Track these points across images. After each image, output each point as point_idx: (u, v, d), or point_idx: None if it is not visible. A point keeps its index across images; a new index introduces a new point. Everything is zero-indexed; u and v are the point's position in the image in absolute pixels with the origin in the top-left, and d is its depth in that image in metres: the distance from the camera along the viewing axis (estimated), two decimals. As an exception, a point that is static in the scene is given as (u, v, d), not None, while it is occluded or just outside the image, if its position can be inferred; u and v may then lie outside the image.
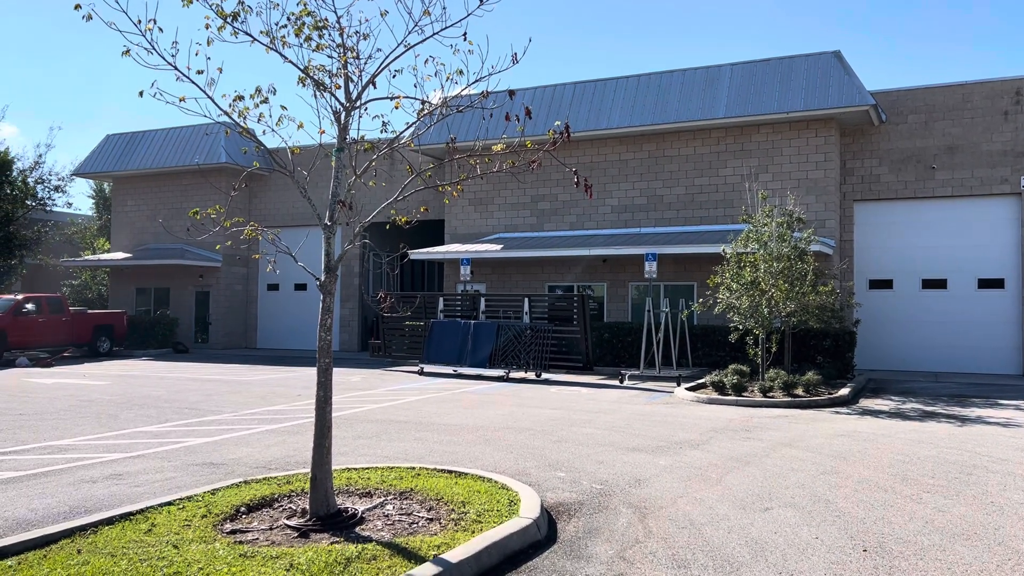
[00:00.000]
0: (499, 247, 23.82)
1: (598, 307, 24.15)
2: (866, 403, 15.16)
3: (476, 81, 6.71)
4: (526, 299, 20.26)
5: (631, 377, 19.00)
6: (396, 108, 6.68)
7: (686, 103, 22.83)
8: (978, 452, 9.99)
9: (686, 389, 16.23)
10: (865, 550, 6.04)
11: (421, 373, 20.29)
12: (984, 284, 21.56)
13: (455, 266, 25.30)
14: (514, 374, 19.63)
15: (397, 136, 6.92)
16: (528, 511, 6.63)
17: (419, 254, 25.00)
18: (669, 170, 23.47)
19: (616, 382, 18.47)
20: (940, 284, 22.01)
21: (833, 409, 14.36)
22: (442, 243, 26.63)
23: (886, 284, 22.59)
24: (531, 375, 19.54)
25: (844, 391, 15.82)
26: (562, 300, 20.81)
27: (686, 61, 71.92)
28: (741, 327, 16.74)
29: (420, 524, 6.48)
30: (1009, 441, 10.83)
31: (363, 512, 6.71)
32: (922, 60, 71.58)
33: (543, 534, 6.44)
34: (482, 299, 21.21)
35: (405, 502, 7.11)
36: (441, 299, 21.75)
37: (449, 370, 20.53)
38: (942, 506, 7.31)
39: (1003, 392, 16.91)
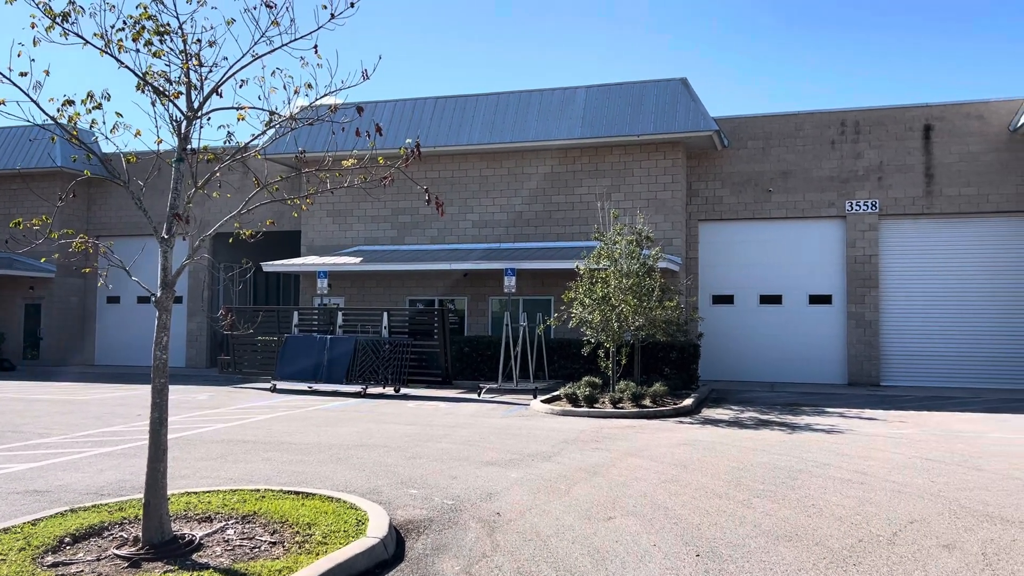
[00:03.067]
0: (358, 260, 23.50)
1: (459, 321, 24.26)
2: (708, 412, 15.98)
3: (326, 95, 6.63)
4: (385, 313, 20.07)
5: (489, 391, 19.18)
6: (240, 120, 6.49)
7: (544, 123, 23.41)
8: (804, 458, 10.75)
9: (542, 402, 16.56)
10: (698, 555, 6.37)
11: (274, 390, 19.67)
12: (814, 300, 23.26)
13: (312, 279, 24.74)
14: (372, 390, 19.38)
15: (242, 148, 6.72)
16: (376, 530, 6.57)
17: (273, 266, 24.29)
18: (528, 187, 23.95)
19: (475, 396, 18.59)
20: (776, 300, 23.56)
21: (678, 419, 15.05)
22: (300, 255, 25.99)
23: (728, 299, 23.95)
24: (389, 390, 19.35)
25: (688, 401, 16.62)
26: (422, 314, 20.76)
27: (543, 81, 73.76)
28: (593, 340, 17.29)
29: (262, 548, 6.28)
30: (831, 447, 11.71)
31: (201, 538, 6.43)
32: (765, 88, 76.72)
33: (391, 553, 6.40)
34: (339, 313, 20.83)
35: (248, 526, 6.87)
36: (296, 313, 21.19)
37: (304, 387, 20.01)
38: (769, 510, 7.81)
39: (830, 401, 18.27)
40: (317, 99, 6.62)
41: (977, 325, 21.86)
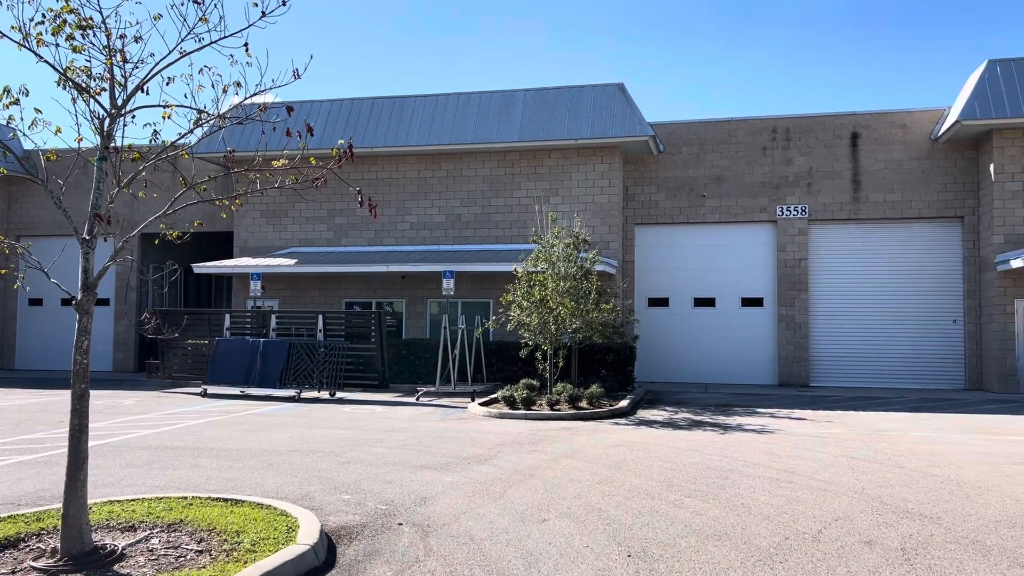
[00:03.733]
0: (293, 262, 23.14)
1: (396, 324, 24.09)
2: (643, 414, 16.19)
3: (256, 94, 6.50)
4: (320, 316, 19.79)
5: (427, 394, 19.08)
6: (166, 118, 6.32)
7: (483, 125, 23.42)
8: (735, 458, 10.97)
9: (479, 404, 16.55)
10: (630, 555, 6.44)
11: (204, 395, 19.21)
12: (747, 303, 23.78)
13: (245, 281, 24.26)
14: (307, 394, 19.09)
15: (168, 147, 6.55)
16: (306, 537, 6.46)
17: (205, 268, 23.75)
18: (467, 189, 23.92)
19: (412, 399, 18.47)
20: (710, 302, 24.02)
21: (613, 420, 15.21)
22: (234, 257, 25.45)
23: (663, 302, 24.32)
24: (325, 394, 19.09)
25: (624, 403, 16.81)
26: (359, 317, 20.54)
27: (482, 84, 73.86)
28: (531, 343, 17.37)
29: (188, 557, 6.12)
30: (761, 447, 11.98)
31: (124, 548, 6.23)
32: (700, 94, 78.21)
33: (321, 560, 6.30)
34: (273, 316, 20.46)
35: (173, 534, 6.68)
36: (228, 316, 20.74)
37: (236, 391, 19.59)
38: (700, 510, 7.94)
39: (761, 401, 18.70)
40: (247, 98, 6.49)
41: (901, 327, 22.66)
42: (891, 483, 9.29)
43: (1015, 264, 19.50)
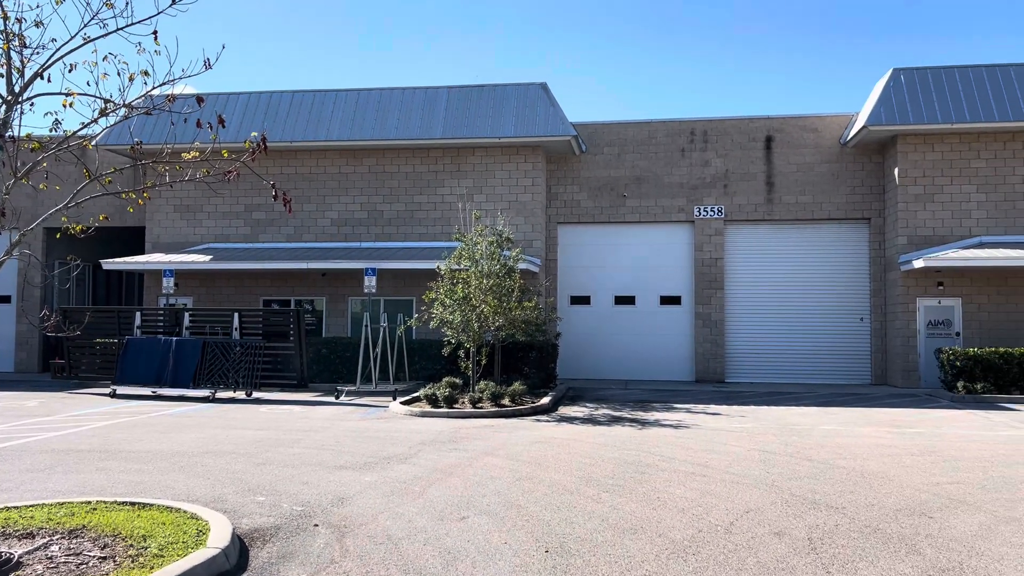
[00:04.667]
0: (208, 258, 22.49)
1: (316, 322, 23.69)
2: (565, 410, 16.34)
3: (165, 83, 6.28)
4: (236, 314, 19.28)
5: (348, 393, 18.82)
6: (68, 106, 6.05)
7: (406, 121, 23.23)
8: (652, 452, 11.17)
9: (401, 403, 16.41)
10: (547, 551, 6.48)
11: (113, 395, 18.49)
12: (665, 301, 24.26)
13: (157, 278, 23.42)
14: (222, 394, 18.58)
15: (69, 136, 6.26)
16: (217, 540, 6.28)
17: (115, 264, 22.90)
18: (390, 186, 23.69)
19: (332, 399, 18.19)
20: (630, 300, 24.41)
21: (535, 417, 15.30)
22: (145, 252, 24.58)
23: (585, 300, 24.60)
24: (241, 395, 18.62)
25: (546, 400, 16.93)
26: (277, 315, 20.11)
27: (404, 80, 73.33)
28: (454, 341, 17.32)
29: (91, 565, 5.87)
30: (677, 441, 12.24)
31: (21, 556, 5.94)
32: (620, 95, 79.37)
33: (233, 563, 6.13)
34: (186, 314, 19.84)
35: (75, 541, 6.40)
36: (139, 314, 20.01)
37: (147, 391, 18.91)
38: (617, 504, 8.06)
39: (678, 397, 19.10)
40: (155, 87, 6.27)
41: (812, 324, 23.47)
42: (800, 475, 9.61)
43: (917, 264, 20.43)
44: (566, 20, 77.29)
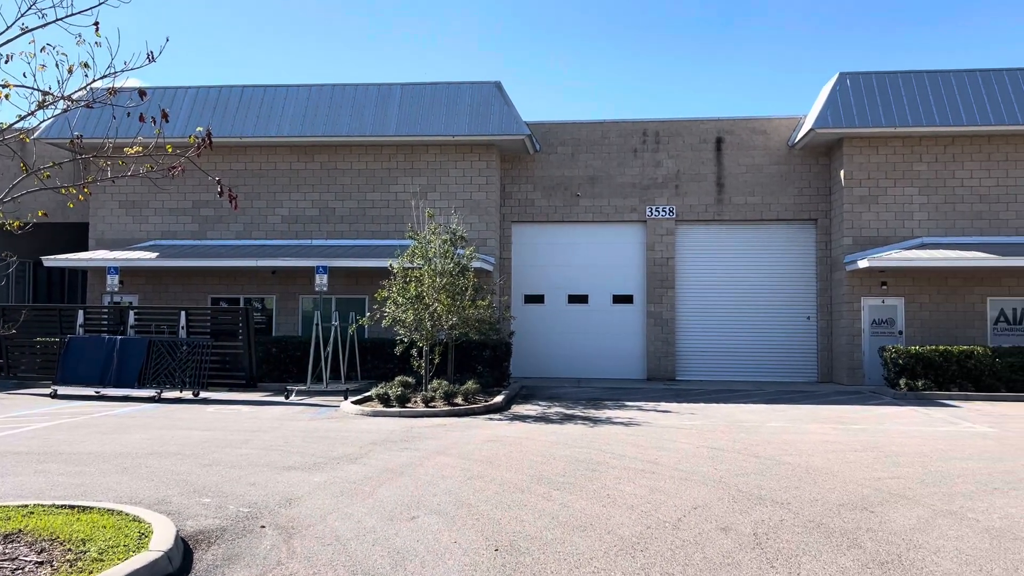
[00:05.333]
0: (154, 255, 22.02)
1: (266, 320, 23.36)
2: (518, 409, 16.37)
3: (106, 75, 6.11)
4: (183, 312, 18.91)
5: (298, 393, 18.60)
6: (4, 98, 5.86)
7: (358, 118, 23.03)
8: (603, 450, 11.26)
9: (352, 403, 16.26)
10: (497, 549, 6.48)
11: (55, 396, 17.98)
12: (618, 300, 24.46)
13: (101, 275, 22.85)
14: (168, 394, 18.21)
15: (5, 129, 6.07)
16: (160, 543, 6.15)
17: (56, 261, 22.30)
18: (342, 183, 23.46)
19: (282, 399, 17.96)
20: (583, 299, 24.56)
21: (488, 416, 15.30)
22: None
23: (539, 299, 24.68)
24: (188, 394, 18.27)
25: (499, 398, 16.94)
26: (226, 314, 19.78)
27: (355, 77, 72.68)
28: (407, 340, 17.22)
29: (27, 570, 5.70)
30: (628, 439, 12.35)
31: (-48, 563, 5.74)
32: (575, 95, 79.71)
33: (176, 566, 6.01)
34: (131, 312, 19.40)
35: (10, 545, 6.21)
36: (81, 312, 19.50)
37: (90, 392, 18.43)
38: (567, 502, 8.10)
39: (630, 395, 19.27)
40: (96, 79, 6.10)
41: (760, 323, 23.88)
42: (747, 471, 9.76)
43: (862, 264, 20.92)
44: (520, 20, 77.45)
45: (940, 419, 15.29)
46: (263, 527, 7.11)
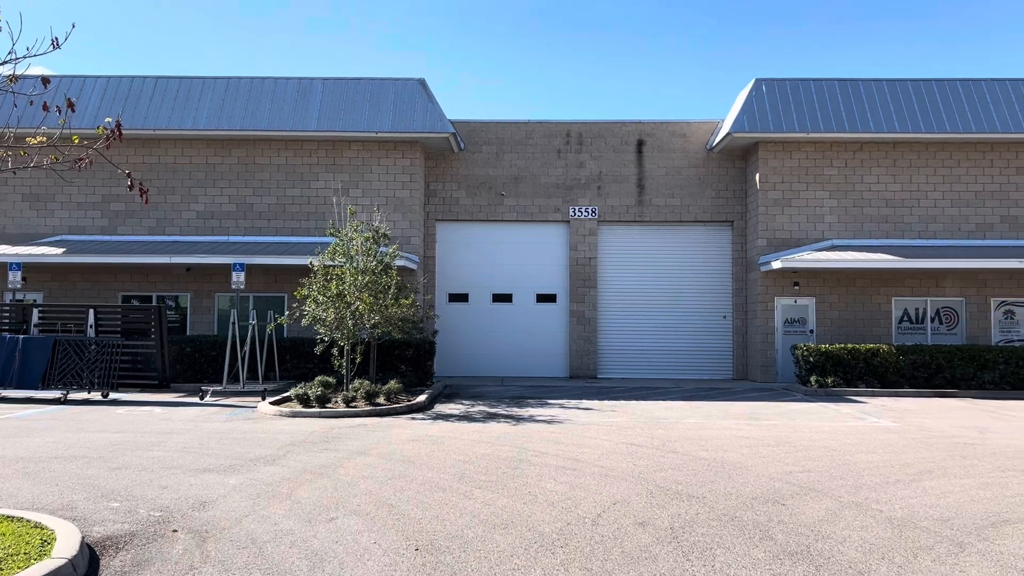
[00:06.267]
0: (61, 251, 21.07)
1: (181, 319, 22.66)
2: (441, 408, 16.31)
3: (6, 62, 5.82)
4: (91, 310, 18.17)
5: (214, 393, 18.10)
6: None
7: (278, 112, 22.55)
8: (525, 448, 11.31)
9: (270, 403, 15.92)
10: (417, 549, 6.44)
11: (-49, 398, 17.04)
12: (542, 299, 24.63)
13: (3, 272, 21.76)
14: (76, 395, 17.47)
15: None
16: (64, 550, 5.89)
17: (-47, 256, 21.09)
18: (260, 178, 22.93)
19: (197, 399, 17.44)
20: (507, 298, 24.64)
21: (411, 415, 15.19)
22: (-13, 244, 22.75)
23: (463, 298, 24.65)
24: (97, 396, 17.56)
25: (422, 398, 16.84)
26: (137, 312, 19.10)
27: (275, 71, 71.19)
28: (327, 339, 16.95)
29: (-85, 583, 5.38)
30: (550, 436, 12.45)
31: None
32: (499, 94, 79.92)
33: (81, 574, 5.77)
34: (35, 310, 18.53)
35: (-102, 558, 5.84)
36: (-19, 310, 18.52)
37: (-10, 393, 17.54)
38: (489, 500, 8.11)
39: (552, 393, 19.43)
40: (-5, 64, 5.80)
41: (679, 322, 24.41)
42: (665, 467, 9.96)
43: (775, 265, 21.61)
44: (445, 19, 77.17)
45: (848, 414, 15.91)
46: (175, 531, 6.89)
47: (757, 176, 23.12)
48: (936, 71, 67.02)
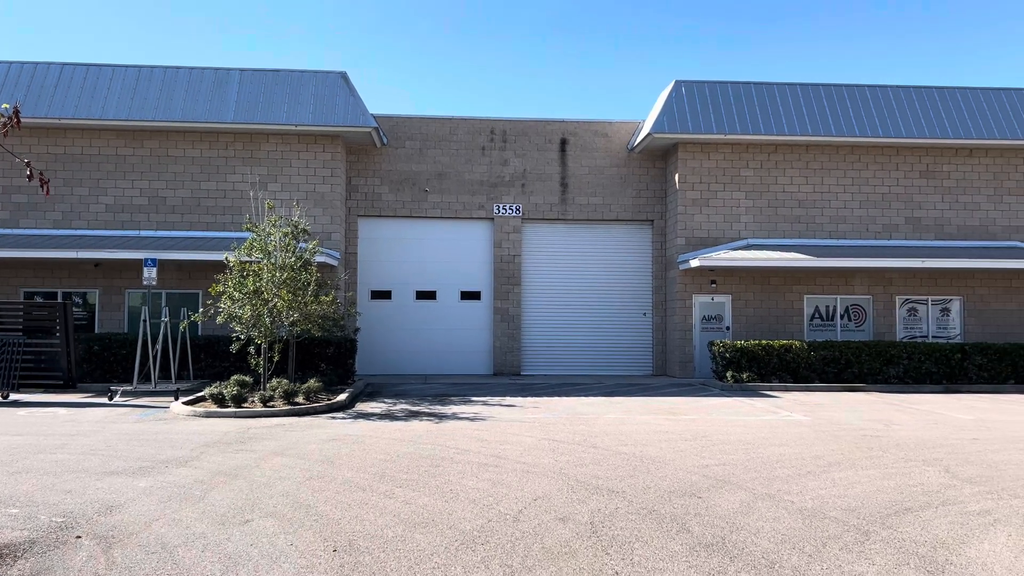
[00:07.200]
0: (-43, 245, 19.93)
1: (88, 316, 21.75)
2: (362, 407, 16.09)
3: None
4: (-9, 307, 17.24)
5: (124, 393, 17.43)
6: None
7: (193, 103, 21.85)
8: (448, 446, 11.25)
9: (183, 403, 15.41)
10: (335, 550, 6.31)
11: None
12: (465, 296, 24.57)
13: None
14: (-28, 396, 16.55)
15: None
16: (-46, 562, 5.55)
17: None
18: (174, 171, 22.18)
19: (105, 400, 16.76)
20: (431, 295, 24.49)
21: (331, 414, 14.93)
22: None
23: (386, 295, 24.38)
24: (-4, 396, 16.68)
25: (343, 396, 16.57)
26: (40, 309, 18.20)
27: (195, 61, 68.96)
28: (244, 337, 16.51)
29: None
30: (473, 434, 12.41)
31: None
32: (422, 90, 79.34)
33: (-27, 586, 5.44)
34: (-72, 307, 17.48)
35: None
36: None
37: None
38: (410, 499, 8.02)
39: (476, 390, 19.41)
40: None
41: (601, 319, 24.72)
42: (586, 462, 10.05)
43: (693, 264, 22.09)
44: (368, 14, 76.18)
45: (762, 409, 16.38)
46: (79, 537, 6.58)
47: (676, 176, 23.58)
48: (851, 77, 69.68)
